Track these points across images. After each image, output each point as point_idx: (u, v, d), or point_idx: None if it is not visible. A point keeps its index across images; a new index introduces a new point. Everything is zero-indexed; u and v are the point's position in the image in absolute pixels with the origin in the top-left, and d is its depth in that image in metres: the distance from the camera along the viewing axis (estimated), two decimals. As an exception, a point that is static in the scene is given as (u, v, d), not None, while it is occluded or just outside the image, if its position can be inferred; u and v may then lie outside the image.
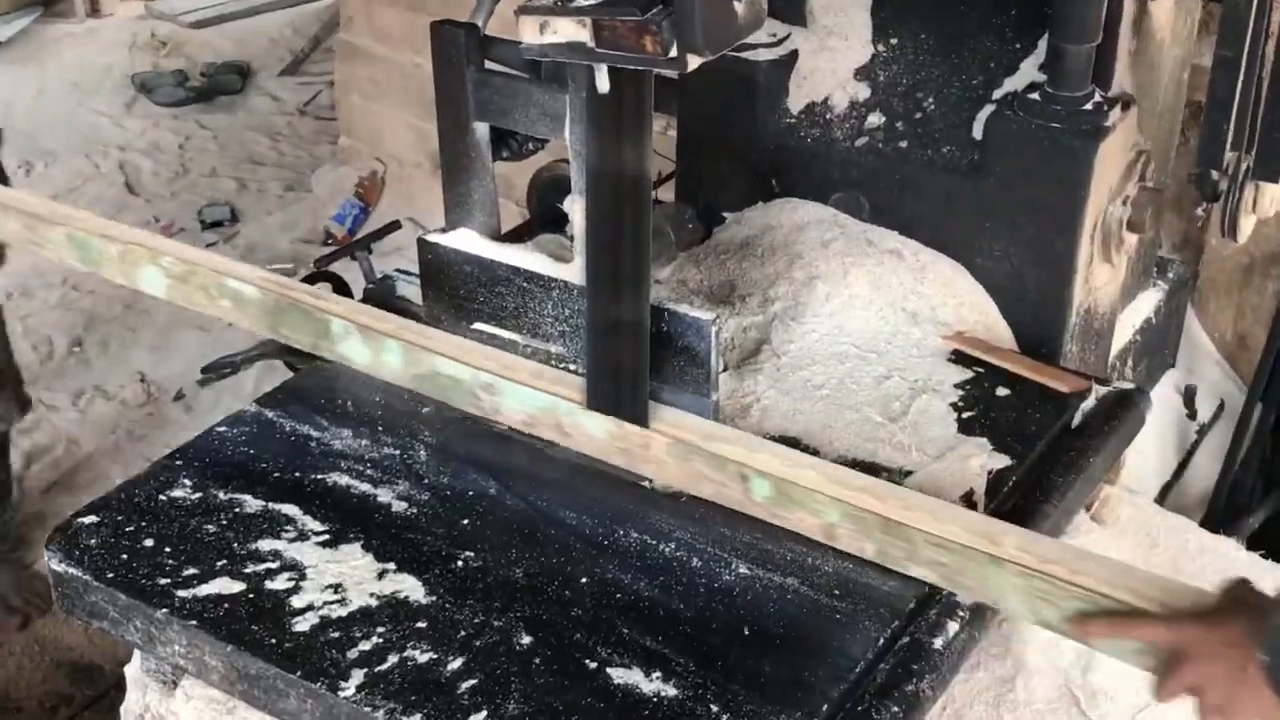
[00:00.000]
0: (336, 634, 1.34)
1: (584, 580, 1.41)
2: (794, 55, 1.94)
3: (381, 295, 2.01)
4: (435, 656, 1.32)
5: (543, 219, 2.17)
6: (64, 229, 1.70)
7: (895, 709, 1.28)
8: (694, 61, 1.25)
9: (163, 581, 1.39)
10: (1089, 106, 1.77)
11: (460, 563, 1.43)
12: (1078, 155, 1.75)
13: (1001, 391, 1.73)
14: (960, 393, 1.72)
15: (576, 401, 1.51)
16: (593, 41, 1.26)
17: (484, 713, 1.26)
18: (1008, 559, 1.30)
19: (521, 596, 1.39)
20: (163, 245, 1.70)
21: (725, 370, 1.74)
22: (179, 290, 1.67)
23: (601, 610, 1.37)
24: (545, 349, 1.63)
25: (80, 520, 1.48)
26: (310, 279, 2.00)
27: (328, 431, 1.64)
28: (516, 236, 1.99)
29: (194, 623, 1.35)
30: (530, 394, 1.55)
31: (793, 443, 1.57)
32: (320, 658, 1.32)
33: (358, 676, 1.29)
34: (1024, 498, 1.55)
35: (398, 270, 2.01)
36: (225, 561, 1.42)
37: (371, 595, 1.39)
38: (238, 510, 1.50)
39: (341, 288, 2.02)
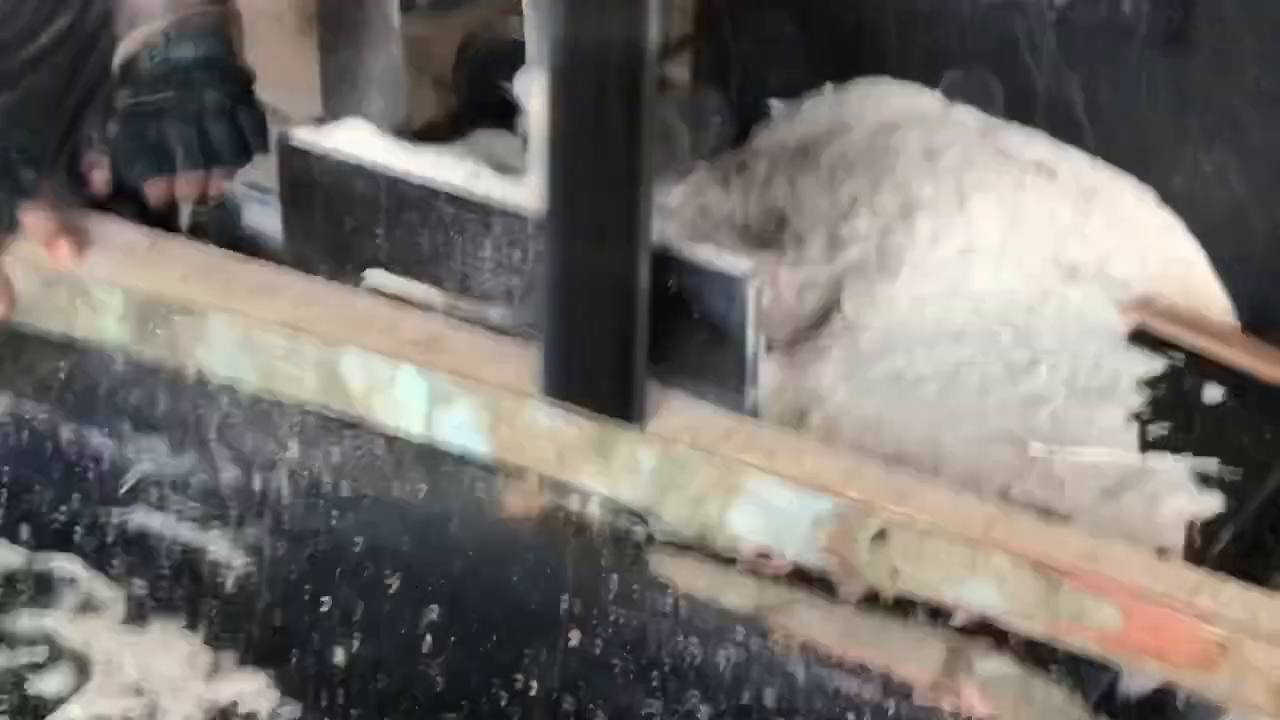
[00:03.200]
0: (140, 770, 1.35)
1: (541, 686, 1.41)
2: None
3: (216, 224, 2.00)
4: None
5: (478, 108, 2.16)
6: None
7: None
8: None
9: None
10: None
11: (339, 655, 1.44)
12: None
13: (1212, 393, 1.74)
14: (1147, 394, 1.73)
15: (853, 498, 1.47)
16: None
17: None
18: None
19: (439, 711, 1.39)
20: None
21: (770, 350, 1.75)
22: None
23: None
24: (478, 313, 1.64)
25: None
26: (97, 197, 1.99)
27: (128, 442, 1.65)
28: (437, 135, 1.99)
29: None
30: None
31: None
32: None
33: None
34: (1247, 560, 1.56)
35: (244, 185, 2.00)
36: (-38, 648, 1.43)
37: (197, 705, 1.39)
38: (-17, 567, 1.51)
39: (153, 213, 2.01)
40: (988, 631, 1.44)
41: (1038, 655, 1.42)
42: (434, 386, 1.56)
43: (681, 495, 1.50)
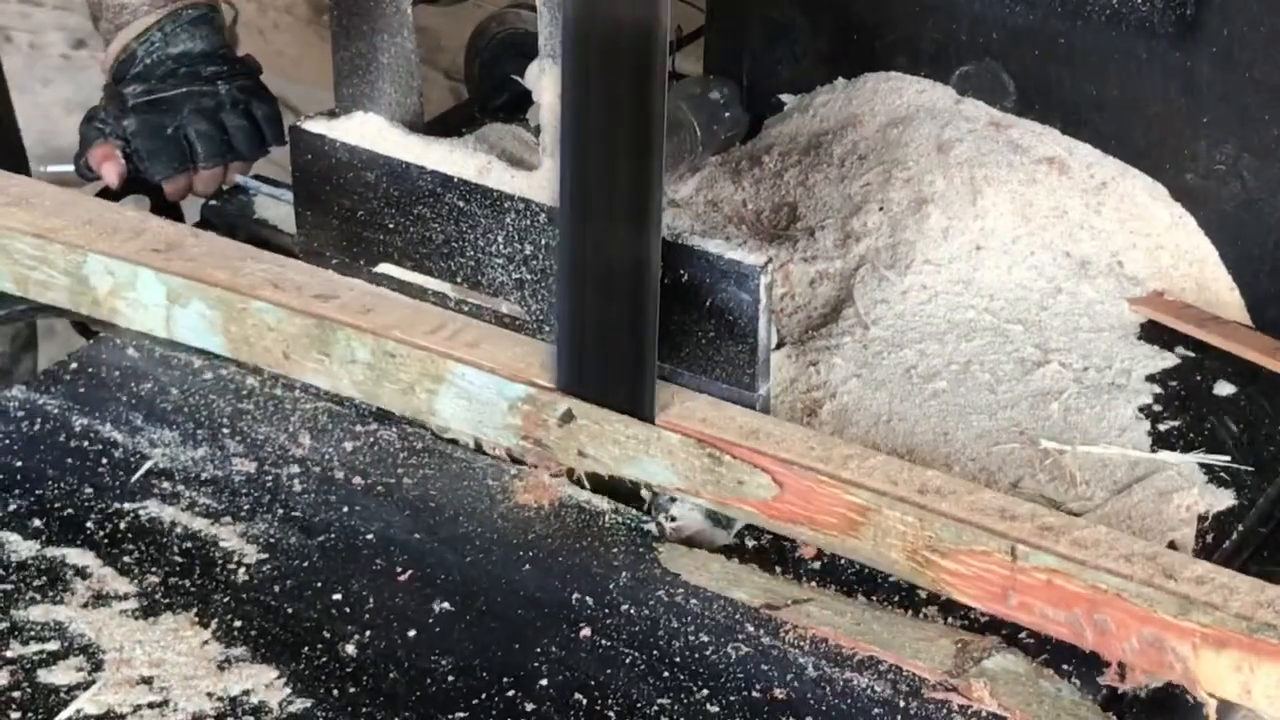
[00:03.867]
0: (150, 759, 1.35)
1: (551, 681, 1.42)
2: None
3: (229, 216, 2.01)
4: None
5: (490, 99, 2.16)
6: None
7: None
8: None
9: (-127, 669, 1.40)
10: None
11: (350, 648, 1.44)
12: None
13: (1223, 388, 1.75)
14: (1156, 389, 1.73)
15: (543, 385, 1.55)
16: None
17: None
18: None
19: (448, 706, 1.39)
20: None
21: (781, 346, 1.75)
22: None
23: (576, 727, 1.38)
24: (491, 306, 1.64)
25: None
26: (107, 188, 1.99)
27: (140, 434, 1.65)
28: (448, 126, 1.99)
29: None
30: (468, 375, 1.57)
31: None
32: (123, 798, 1.33)
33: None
34: (1258, 558, 1.57)
35: (256, 178, 2.00)
36: (-26, 639, 1.43)
37: (208, 697, 1.39)
38: (-5, 557, 1.51)
39: (164, 204, 2.02)
40: (998, 628, 1.45)
41: (1048, 652, 1.43)
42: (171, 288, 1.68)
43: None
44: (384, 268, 1.69)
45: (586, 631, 1.45)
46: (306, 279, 1.68)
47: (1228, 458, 1.64)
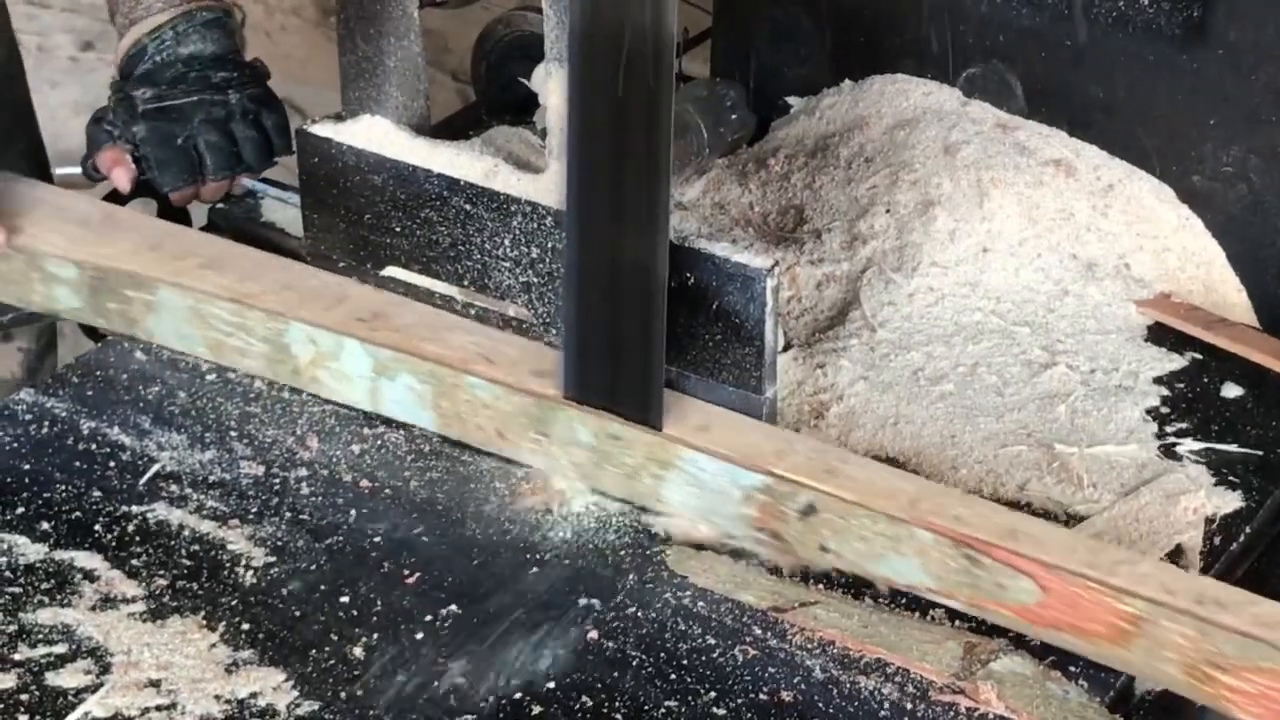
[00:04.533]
0: (159, 763, 1.35)
1: (558, 683, 1.41)
2: None
3: (236, 220, 2.01)
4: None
5: (497, 102, 2.16)
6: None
7: None
8: None
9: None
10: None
11: (358, 650, 1.44)
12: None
13: (1231, 390, 1.74)
14: (1164, 391, 1.73)
15: (781, 475, 1.49)
16: None
17: None
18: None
19: (456, 709, 1.39)
20: None
21: (788, 348, 1.75)
22: None
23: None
24: (498, 309, 1.64)
25: None
26: (116, 192, 1.99)
27: (148, 436, 1.65)
28: (455, 129, 1.99)
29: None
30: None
31: (892, 466, 1.58)
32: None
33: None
34: (1265, 560, 1.57)
35: (264, 181, 2.00)
36: (-19, 642, 1.43)
37: (216, 700, 1.39)
38: (3, 559, 1.51)
39: (171, 209, 2.02)
40: (1005, 631, 1.45)
41: (1056, 654, 1.43)
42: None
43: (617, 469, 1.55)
44: (391, 271, 1.69)
45: (593, 634, 1.45)
46: (519, 353, 1.61)
47: (1236, 459, 1.64)
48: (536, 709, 1.38)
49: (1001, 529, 1.42)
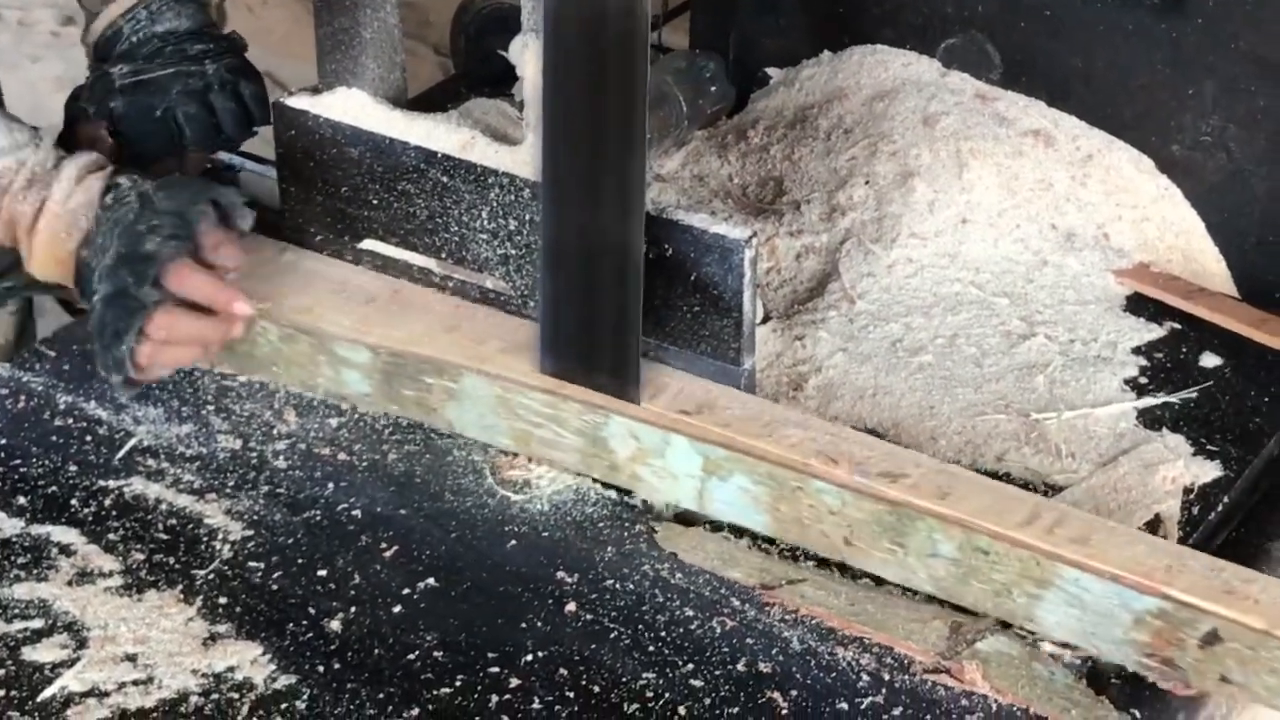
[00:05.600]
0: (134, 739, 1.35)
1: (536, 656, 1.42)
2: None
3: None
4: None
5: (475, 74, 2.15)
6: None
7: None
8: None
9: None
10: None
11: (335, 624, 1.44)
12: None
13: (1209, 360, 1.74)
14: (1142, 361, 1.73)
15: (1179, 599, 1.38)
16: None
17: None
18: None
19: (433, 681, 1.39)
20: None
21: (766, 320, 1.75)
22: None
23: (564, 707, 1.37)
24: (475, 281, 1.63)
25: None
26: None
27: (125, 411, 1.65)
28: (433, 101, 1.98)
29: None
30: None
31: (873, 436, 1.57)
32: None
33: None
34: (1243, 529, 1.57)
35: (241, 154, 1.99)
36: (-42, 617, 1.43)
37: (193, 674, 1.39)
38: (-20, 535, 1.51)
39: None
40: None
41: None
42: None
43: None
44: (368, 244, 1.68)
45: (571, 606, 1.45)
46: (863, 450, 1.50)
47: (1213, 428, 1.64)
48: (514, 681, 1.38)
49: None
